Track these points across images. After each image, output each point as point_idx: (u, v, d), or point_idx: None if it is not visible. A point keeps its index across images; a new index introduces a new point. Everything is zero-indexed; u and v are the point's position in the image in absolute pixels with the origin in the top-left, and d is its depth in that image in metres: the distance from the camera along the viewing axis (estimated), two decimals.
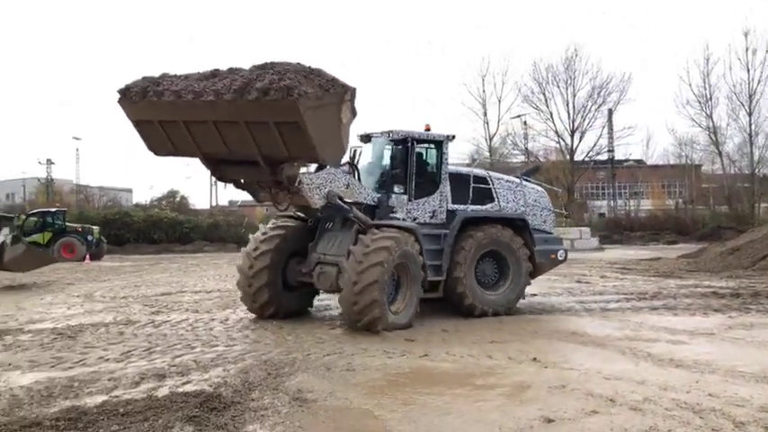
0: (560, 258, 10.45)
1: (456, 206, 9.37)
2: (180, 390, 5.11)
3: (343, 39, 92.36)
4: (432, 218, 9.14)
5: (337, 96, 6.11)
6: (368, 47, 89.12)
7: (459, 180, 9.57)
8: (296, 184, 7.11)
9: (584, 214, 42.93)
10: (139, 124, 6.82)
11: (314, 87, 5.82)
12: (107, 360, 6.30)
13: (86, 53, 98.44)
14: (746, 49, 37.76)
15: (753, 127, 37.70)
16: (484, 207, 9.68)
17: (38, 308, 10.22)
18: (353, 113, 6.48)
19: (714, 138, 39.47)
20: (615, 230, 36.54)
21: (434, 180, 9.24)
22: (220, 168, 7.10)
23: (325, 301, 10.02)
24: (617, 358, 6.57)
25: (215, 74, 6.42)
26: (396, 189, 8.85)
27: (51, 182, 50.35)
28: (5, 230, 14.52)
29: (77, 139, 53.11)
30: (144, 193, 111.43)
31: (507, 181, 10.39)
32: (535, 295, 11.87)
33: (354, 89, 6.31)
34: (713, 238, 30.38)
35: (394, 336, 7.57)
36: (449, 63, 78.50)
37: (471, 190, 9.63)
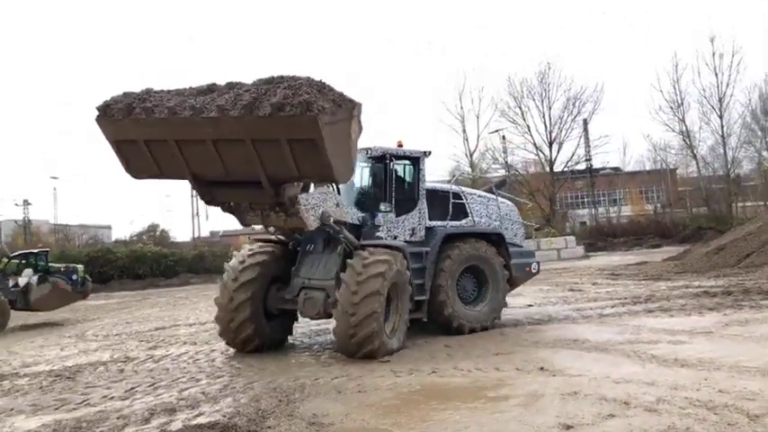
0: (534, 271, 10.54)
1: (433, 223, 9.30)
2: (193, 422, 5.04)
3: (343, 39, 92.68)
4: (411, 235, 9.01)
5: (347, 111, 5.66)
6: (368, 47, 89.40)
7: (434, 196, 9.49)
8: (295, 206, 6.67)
9: (566, 224, 43.38)
10: (120, 144, 6.14)
11: (328, 102, 5.38)
12: (111, 398, 6.17)
13: (64, 75, 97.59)
14: (713, 54, 38.88)
15: (725, 129, 38.64)
16: (459, 223, 9.67)
17: (29, 351, 9.98)
18: (360, 129, 6.10)
19: (688, 141, 40.34)
20: (599, 238, 36.96)
21: (413, 197, 9.11)
22: (211, 191, 6.48)
23: (302, 329, 9.86)
24: (623, 362, 6.63)
25: (212, 89, 5.91)
26: (382, 207, 8.68)
27: (29, 223, 49.50)
28: (29, 271, 14.69)
29: (54, 178, 52.53)
30: (123, 228, 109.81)
31: (479, 196, 10.48)
32: (531, 306, 11.97)
33: (360, 104, 5.92)
34: (695, 239, 30.90)
35: (398, 354, 7.55)
36: (427, 78, 79.23)
37: (450, 206, 9.56)
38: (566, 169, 45.03)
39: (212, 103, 5.53)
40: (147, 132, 5.89)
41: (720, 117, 38.40)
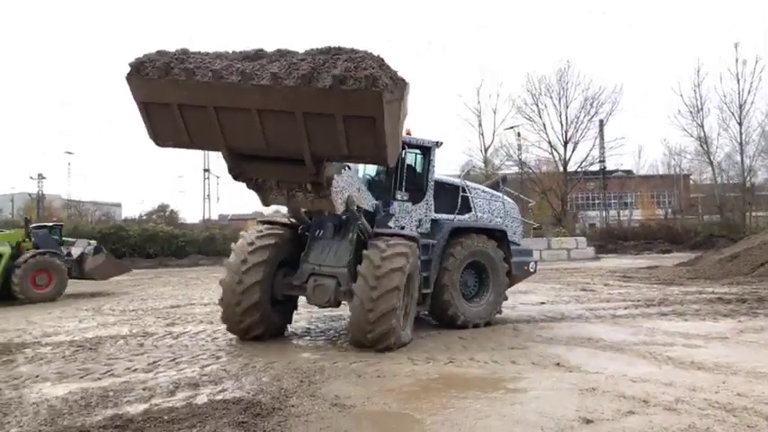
0: (531, 270, 10.53)
1: (438, 215, 9.22)
2: (218, 397, 5.13)
3: (343, 39, 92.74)
4: (418, 227, 8.92)
5: (401, 91, 5.20)
6: (368, 47, 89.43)
7: (440, 188, 9.38)
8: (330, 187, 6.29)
9: (575, 225, 43.32)
10: (149, 107, 5.52)
11: (389, 79, 4.96)
12: (135, 370, 6.30)
13: (79, 59, 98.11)
14: (736, 60, 38.58)
15: (743, 136, 38.35)
16: (463, 217, 9.61)
17: (48, 322, 10.15)
18: (407, 111, 5.69)
19: (705, 147, 40.08)
20: (609, 240, 36.86)
21: (421, 188, 8.98)
22: (242, 165, 5.90)
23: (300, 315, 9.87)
24: (638, 362, 6.67)
25: (260, 54, 5.37)
26: (398, 196, 8.62)
27: (42, 197, 49.95)
28: (83, 241, 15.98)
29: (70, 153, 52.91)
30: (133, 207, 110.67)
31: (483, 191, 10.42)
32: (543, 303, 12.02)
33: (409, 84, 5.45)
34: (706, 246, 30.77)
35: (413, 343, 7.63)
36: (444, 72, 78.99)
37: (458, 199, 9.51)
38: (578, 170, 44.90)
39: (263, 70, 5.06)
40: (184, 96, 5.30)
41: (740, 124, 38.16)
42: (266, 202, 6.80)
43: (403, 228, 8.63)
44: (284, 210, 7.76)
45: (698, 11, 75.56)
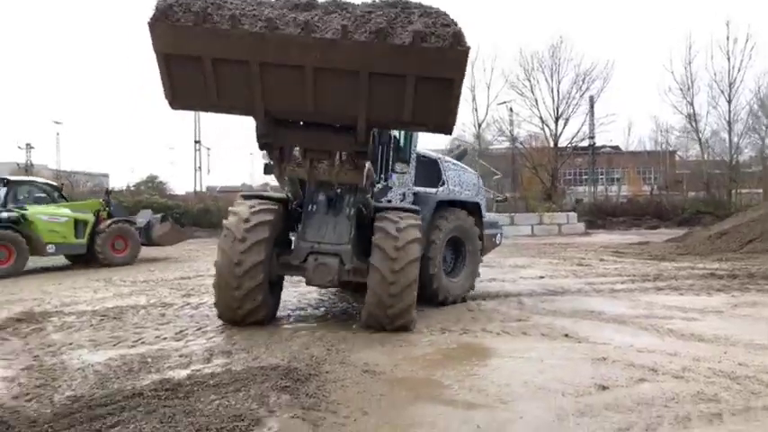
0: (497, 242, 10.73)
1: (417, 188, 9.06)
2: (253, 364, 5.42)
3: None
4: (402, 200, 8.73)
5: (467, 54, 4.60)
6: None
7: (416, 162, 9.14)
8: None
9: (563, 200, 43.87)
10: (173, 60, 4.58)
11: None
12: (165, 339, 6.56)
13: (65, 26, 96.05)
14: (727, 38, 38.89)
15: (731, 114, 38.86)
16: (435, 190, 9.54)
17: (63, 291, 10.35)
18: None
19: (694, 125, 40.57)
20: (598, 215, 37.42)
21: (405, 160, 8.67)
22: (277, 132, 5.07)
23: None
24: (642, 334, 7.06)
25: (312, 4, 4.63)
26: (398, 168, 8.40)
27: (31, 167, 49.42)
28: (147, 211, 17.63)
29: (58, 123, 52.17)
30: (121, 177, 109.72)
31: (453, 164, 10.42)
32: (542, 277, 12.41)
33: None
34: (692, 223, 31.45)
35: (424, 316, 7.93)
36: None
37: (438, 173, 9.47)
38: (569, 145, 45.32)
39: (325, 23, 4.39)
40: (223, 48, 4.46)
41: (729, 102, 38.61)
42: (281, 174, 6.19)
43: (390, 201, 8.40)
44: (273, 183, 8.00)
45: None
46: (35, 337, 6.74)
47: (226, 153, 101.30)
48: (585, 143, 47.37)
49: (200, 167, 47.94)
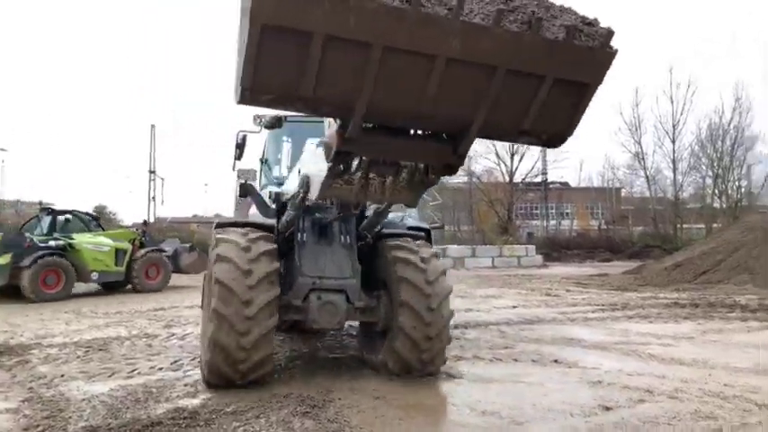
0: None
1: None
2: (265, 392, 5.39)
3: None
4: None
5: (614, 57, 4.02)
6: None
7: None
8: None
9: (517, 234, 44.99)
10: (271, 34, 3.35)
11: None
12: (161, 369, 6.45)
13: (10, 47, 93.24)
14: (670, 83, 41.32)
15: (675, 154, 41.02)
16: (401, 215, 8.83)
17: (32, 324, 9.96)
18: None
19: (642, 162, 42.60)
20: (552, 248, 38.51)
21: None
22: (364, 138, 3.89)
23: None
24: (626, 359, 7.37)
25: None
26: None
27: None
28: (175, 241, 18.80)
29: (3, 150, 50.13)
30: (69, 206, 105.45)
31: None
32: (515, 307, 12.73)
33: None
34: (642, 256, 32.79)
35: None
36: None
37: None
38: (523, 180, 46.74)
39: (471, 7, 3.61)
40: (343, 24, 3.45)
41: (673, 142, 40.79)
42: (352, 199, 4.79)
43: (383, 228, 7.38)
44: (226, 213, 7.49)
45: (636, 36, 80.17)
46: (21, 370, 6.50)
47: (178, 184, 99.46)
48: (539, 179, 48.94)
49: (153, 197, 46.94)
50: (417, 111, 3.79)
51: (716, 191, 40.31)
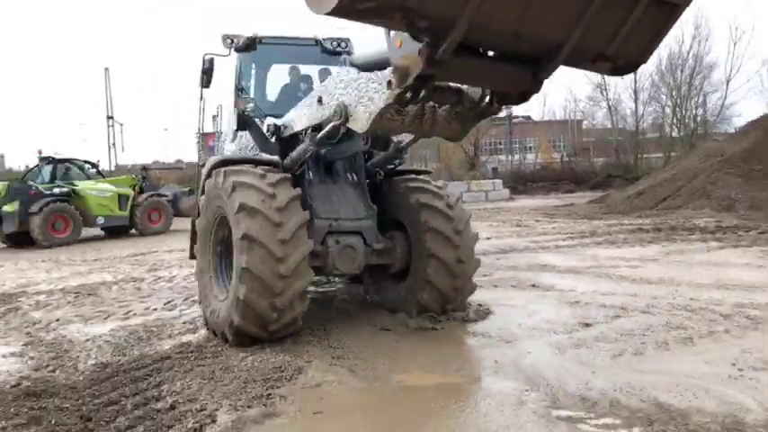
0: None
1: None
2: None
3: None
4: None
5: None
6: None
7: None
8: None
9: (482, 169, 45.56)
10: None
11: None
12: (156, 310, 6.59)
13: None
14: None
15: (636, 84, 41.54)
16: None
17: (9, 274, 9.91)
18: None
19: (605, 93, 43.07)
20: (518, 182, 39.24)
21: None
22: (452, 59, 3.42)
23: None
24: (599, 281, 7.82)
25: None
26: None
27: None
28: (173, 186, 19.59)
29: None
30: (21, 158, 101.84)
31: None
32: (489, 238, 13.12)
33: None
34: (605, 186, 33.69)
35: None
36: None
37: None
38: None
39: None
40: None
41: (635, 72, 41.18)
42: (376, 125, 4.34)
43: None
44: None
45: None
46: (14, 317, 6.56)
47: (136, 129, 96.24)
48: (503, 113, 49.16)
49: (113, 144, 45.58)
50: (516, 30, 3.46)
51: (674, 120, 41.25)
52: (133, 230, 16.46)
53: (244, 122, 5.93)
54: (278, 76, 7.03)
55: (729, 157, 17.61)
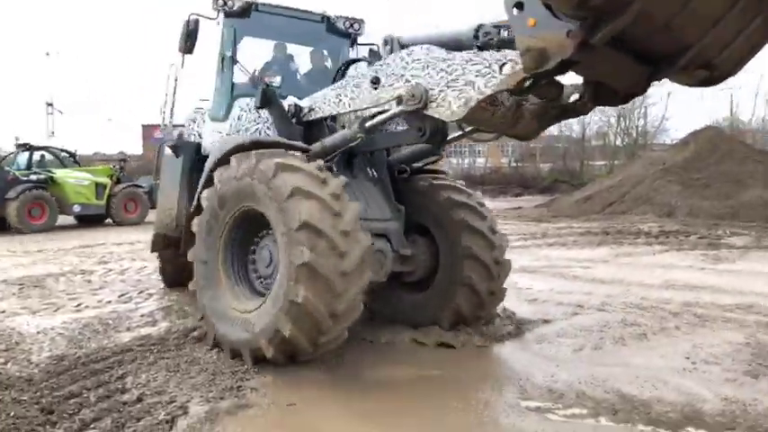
0: None
1: None
2: None
3: None
4: None
5: None
6: None
7: None
8: None
9: None
10: None
11: None
12: (110, 302, 6.35)
13: None
14: None
15: None
16: None
17: None
18: None
19: None
20: (468, 185, 39.80)
21: None
22: (601, 48, 3.16)
23: None
24: (554, 280, 8.04)
25: None
26: None
27: None
28: (150, 177, 17.51)
29: None
30: None
31: None
32: None
33: None
34: (552, 191, 34.72)
35: None
36: None
37: None
38: None
39: None
40: None
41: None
42: (471, 115, 3.89)
43: None
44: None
45: None
46: None
47: (77, 119, 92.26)
48: None
49: (53, 133, 43.67)
50: (669, 23, 3.19)
51: (618, 129, 42.83)
52: (108, 220, 16.30)
53: (268, 100, 4.97)
54: (255, 52, 6.18)
55: (671, 167, 18.44)
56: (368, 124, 4.39)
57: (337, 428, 3.27)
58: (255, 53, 6.14)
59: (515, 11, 3.06)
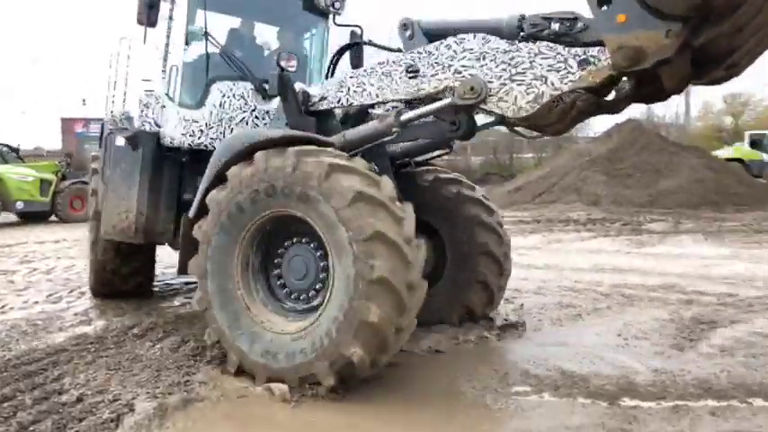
0: None
1: None
2: (170, 316, 5.34)
3: None
4: None
5: None
6: None
7: None
8: None
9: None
10: None
11: None
12: (37, 303, 6.02)
13: None
14: None
15: None
16: None
17: None
18: None
19: None
20: None
21: None
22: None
23: None
24: None
25: None
26: None
27: None
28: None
29: None
30: None
31: None
32: None
33: None
34: (483, 183, 35.64)
35: None
36: None
37: None
38: None
39: None
40: None
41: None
42: (539, 112, 3.63)
43: None
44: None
45: None
46: None
47: None
48: None
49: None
50: (739, 24, 3.10)
51: None
52: (53, 217, 15.74)
53: (284, 86, 4.35)
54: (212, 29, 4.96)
55: (596, 158, 19.32)
56: (404, 117, 3.92)
57: (289, 418, 3.25)
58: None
59: (602, 6, 2.97)
